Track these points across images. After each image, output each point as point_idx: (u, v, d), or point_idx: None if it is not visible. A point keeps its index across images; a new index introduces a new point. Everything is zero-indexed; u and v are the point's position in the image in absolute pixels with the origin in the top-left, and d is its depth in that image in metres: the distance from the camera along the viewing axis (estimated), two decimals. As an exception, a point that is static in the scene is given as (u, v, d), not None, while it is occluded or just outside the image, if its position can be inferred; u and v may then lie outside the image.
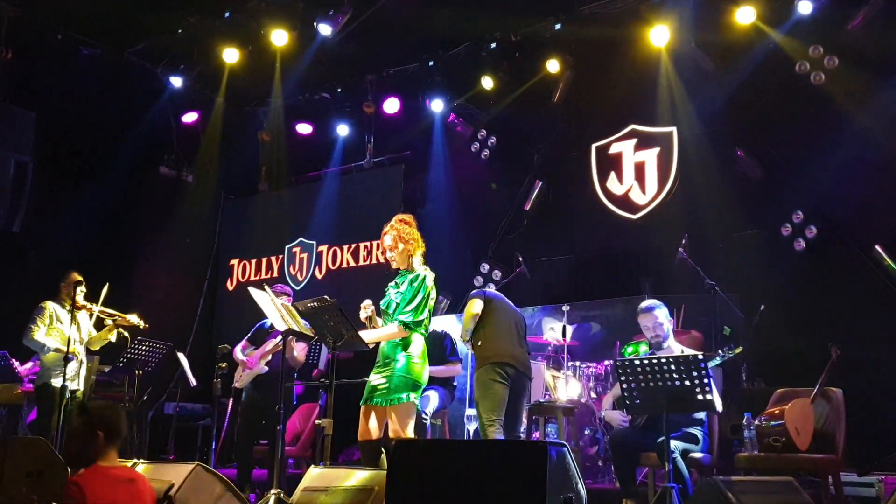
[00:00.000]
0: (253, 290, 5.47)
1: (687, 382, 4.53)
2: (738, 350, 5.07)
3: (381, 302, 5.08)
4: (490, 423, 5.42)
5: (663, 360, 4.61)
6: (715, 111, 8.13)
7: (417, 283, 4.96)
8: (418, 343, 4.94)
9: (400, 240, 5.05)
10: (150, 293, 10.31)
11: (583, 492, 3.27)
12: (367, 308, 5.05)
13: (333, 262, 10.28)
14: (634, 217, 8.64)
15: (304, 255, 10.57)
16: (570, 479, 3.18)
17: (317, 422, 5.25)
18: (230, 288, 11.15)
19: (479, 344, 5.69)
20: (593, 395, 7.13)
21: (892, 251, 7.02)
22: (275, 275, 10.62)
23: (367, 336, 4.92)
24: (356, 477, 4.06)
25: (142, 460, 5.16)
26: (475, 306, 5.78)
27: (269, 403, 6.44)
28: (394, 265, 5.15)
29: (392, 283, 5.14)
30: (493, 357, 5.61)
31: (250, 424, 6.93)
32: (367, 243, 9.68)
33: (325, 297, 4.85)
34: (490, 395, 5.53)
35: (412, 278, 5.00)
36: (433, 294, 5.04)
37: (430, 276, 5.03)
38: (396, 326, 4.90)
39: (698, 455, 5.02)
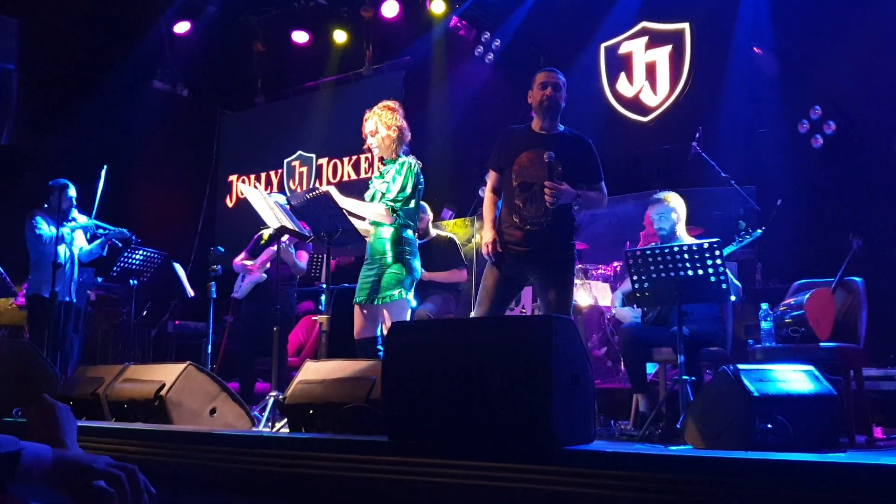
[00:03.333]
0: (244, 188, 5.25)
1: (701, 272, 4.32)
2: (759, 232, 4.82)
3: (366, 195, 4.84)
4: None
5: (676, 249, 4.39)
6: (729, 4, 7.72)
7: (405, 169, 4.71)
8: (409, 238, 4.72)
9: (383, 125, 4.77)
10: (147, 212, 10.08)
11: (590, 371, 3.04)
12: None
13: (334, 175, 10.00)
14: (645, 120, 8.32)
15: (304, 169, 10.29)
16: (578, 356, 2.95)
17: (313, 318, 5.07)
18: (230, 205, 10.91)
19: None
20: (602, 301, 6.90)
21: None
22: (275, 190, 10.36)
23: (350, 204, 4.66)
24: (353, 368, 3.86)
25: (131, 363, 4.99)
26: None
27: (268, 314, 6.28)
28: (376, 153, 4.89)
29: (376, 174, 4.89)
30: None
31: (251, 338, 6.79)
32: (369, 155, 9.33)
33: (318, 186, 4.60)
34: None
35: (398, 165, 4.74)
36: (420, 182, 4.78)
37: (418, 165, 4.76)
38: (384, 208, 4.66)
39: (713, 349, 4.82)
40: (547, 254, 4.37)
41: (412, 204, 4.71)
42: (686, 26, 8.11)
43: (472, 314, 4.83)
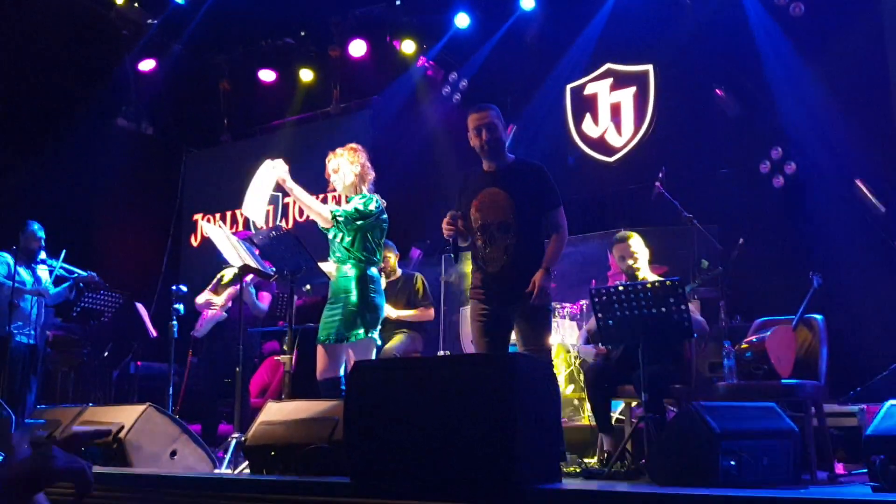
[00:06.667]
0: (207, 227, 5.22)
1: (664, 310, 4.36)
2: (718, 271, 4.87)
3: (329, 230, 4.84)
4: None
5: (639, 288, 4.43)
6: (692, 47, 7.87)
7: (366, 199, 4.72)
8: (373, 276, 4.70)
9: (346, 163, 4.78)
10: (111, 251, 9.96)
11: (554, 410, 3.04)
12: None
13: (300, 214, 9.94)
14: (611, 160, 8.42)
15: (270, 207, 10.24)
16: (542, 394, 2.95)
17: (276, 358, 5.02)
18: (195, 244, 10.81)
19: None
20: (568, 340, 6.91)
21: (872, 185, 6.84)
22: (240, 228, 10.28)
23: (301, 193, 4.67)
24: (315, 409, 3.83)
25: (90, 404, 4.90)
26: None
27: (231, 355, 6.21)
28: (340, 191, 4.89)
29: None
30: None
31: (214, 379, 6.70)
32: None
33: (281, 225, 4.59)
34: None
35: (359, 196, 4.75)
36: (383, 220, 4.79)
37: (382, 202, 4.78)
38: (328, 211, 4.67)
39: (676, 386, 4.83)
40: (512, 293, 4.28)
41: (359, 223, 4.67)
42: (650, 68, 8.26)
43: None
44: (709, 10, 7.77)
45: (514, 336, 4.46)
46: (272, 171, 4.74)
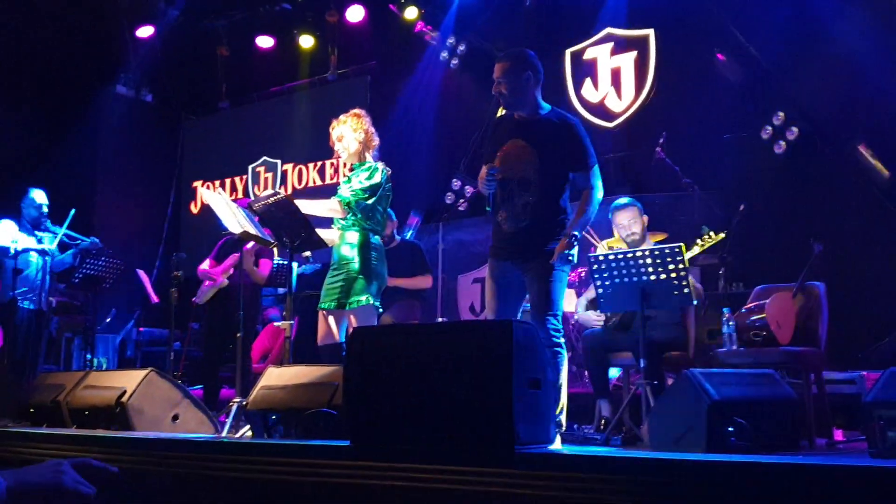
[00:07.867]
0: (206, 193, 5.20)
1: (663, 276, 4.36)
2: (721, 236, 4.86)
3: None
4: None
5: (638, 254, 4.42)
6: (693, 11, 7.79)
7: (371, 170, 4.68)
8: (376, 243, 4.68)
9: (350, 130, 4.74)
10: (111, 219, 9.99)
11: (551, 375, 3.05)
12: None
13: (299, 181, 9.95)
14: (611, 125, 8.35)
15: (269, 175, 10.23)
16: (538, 360, 2.96)
17: (276, 324, 5.03)
18: (195, 211, 10.80)
19: None
20: (566, 307, 6.91)
21: (874, 150, 6.80)
22: (239, 196, 10.28)
23: (302, 205, 4.60)
24: (315, 374, 3.84)
25: (93, 370, 4.93)
26: None
27: (232, 321, 6.22)
28: (344, 158, 4.84)
29: (344, 179, 4.85)
30: None
31: (215, 345, 6.72)
32: (334, 160, 9.33)
33: (279, 191, 4.56)
34: None
35: (365, 168, 4.71)
36: (388, 188, 4.75)
37: (387, 170, 4.74)
38: (336, 202, 4.62)
39: (675, 353, 4.85)
40: (528, 254, 4.05)
41: (370, 202, 4.66)
42: (651, 32, 8.17)
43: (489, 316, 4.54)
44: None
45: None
46: (216, 194, 4.74)
